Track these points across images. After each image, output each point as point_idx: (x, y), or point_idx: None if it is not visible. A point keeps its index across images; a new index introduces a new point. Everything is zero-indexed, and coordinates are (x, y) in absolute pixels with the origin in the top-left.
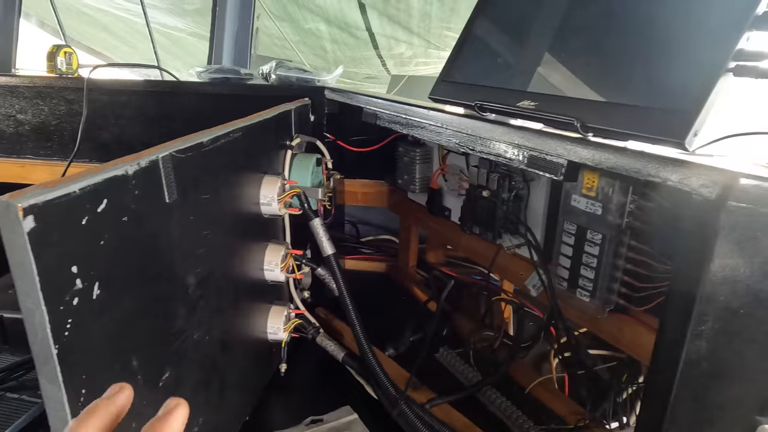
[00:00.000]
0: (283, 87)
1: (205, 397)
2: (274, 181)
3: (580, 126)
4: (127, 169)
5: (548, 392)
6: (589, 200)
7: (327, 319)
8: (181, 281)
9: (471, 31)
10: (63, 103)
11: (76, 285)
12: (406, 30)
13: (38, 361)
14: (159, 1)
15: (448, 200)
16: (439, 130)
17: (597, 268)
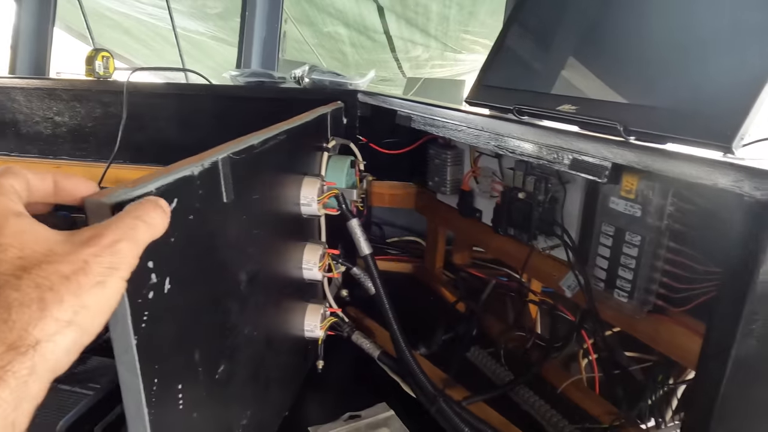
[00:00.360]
0: (316, 90)
1: (253, 390)
2: (314, 182)
3: (623, 129)
4: (193, 170)
5: (580, 392)
6: (628, 202)
7: (358, 317)
8: (235, 278)
9: (507, 35)
10: (99, 105)
11: (151, 279)
12: (423, 33)
13: (118, 350)
14: (182, 5)
15: (479, 202)
16: (477, 133)
17: (635, 269)
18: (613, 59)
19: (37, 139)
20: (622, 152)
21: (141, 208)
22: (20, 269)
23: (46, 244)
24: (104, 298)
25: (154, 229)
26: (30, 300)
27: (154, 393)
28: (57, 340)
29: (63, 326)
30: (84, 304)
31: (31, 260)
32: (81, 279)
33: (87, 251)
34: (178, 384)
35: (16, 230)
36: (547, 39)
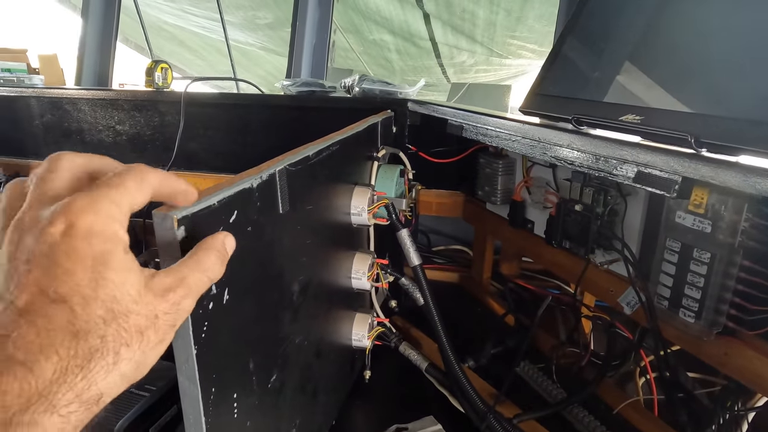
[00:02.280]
0: (366, 99)
1: (302, 400)
2: (365, 192)
3: (693, 141)
4: (252, 182)
5: (638, 414)
6: (697, 217)
7: (404, 328)
8: (288, 288)
9: (564, 43)
10: (157, 115)
11: (211, 290)
12: (469, 39)
13: (179, 360)
14: (234, 17)
15: (531, 213)
16: (532, 144)
17: (704, 288)
18: (679, 66)
19: (100, 147)
20: (694, 165)
21: (208, 259)
22: (110, 313)
23: (136, 289)
24: (161, 352)
25: (214, 280)
26: (109, 350)
27: (212, 401)
28: (114, 391)
29: (124, 381)
30: (146, 361)
31: (121, 306)
32: (151, 336)
33: (160, 307)
34: (234, 393)
35: (122, 267)
36: (607, 46)
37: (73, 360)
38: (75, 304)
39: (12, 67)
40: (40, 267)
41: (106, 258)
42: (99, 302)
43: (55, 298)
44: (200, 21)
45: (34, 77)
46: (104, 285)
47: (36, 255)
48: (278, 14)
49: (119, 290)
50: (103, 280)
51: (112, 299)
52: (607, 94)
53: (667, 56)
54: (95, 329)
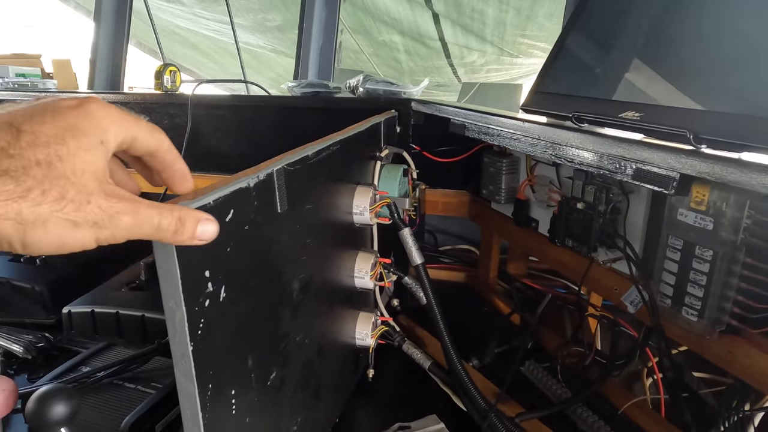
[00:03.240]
0: (371, 99)
1: (303, 398)
2: (366, 191)
3: (692, 137)
4: (249, 181)
5: (644, 414)
6: (699, 214)
7: (409, 327)
8: (288, 286)
9: (565, 41)
10: (166, 117)
11: (208, 288)
12: (479, 38)
13: (176, 356)
14: (244, 20)
15: (536, 211)
16: (533, 142)
17: (707, 286)
18: (681, 62)
19: None
20: (691, 162)
21: (171, 215)
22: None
23: (84, 169)
24: (65, 233)
25: (163, 235)
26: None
27: (209, 398)
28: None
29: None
30: (48, 223)
31: (61, 167)
32: (68, 207)
33: (98, 199)
34: (232, 389)
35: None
36: (608, 44)
37: None
38: (23, 132)
39: (26, 72)
40: (28, 108)
41: (80, 134)
42: (43, 149)
43: (10, 122)
44: (211, 24)
45: (47, 81)
46: (59, 143)
47: (35, 102)
48: (287, 16)
49: (71, 156)
50: (63, 141)
51: (58, 158)
52: (608, 92)
53: (668, 53)
54: (21, 159)
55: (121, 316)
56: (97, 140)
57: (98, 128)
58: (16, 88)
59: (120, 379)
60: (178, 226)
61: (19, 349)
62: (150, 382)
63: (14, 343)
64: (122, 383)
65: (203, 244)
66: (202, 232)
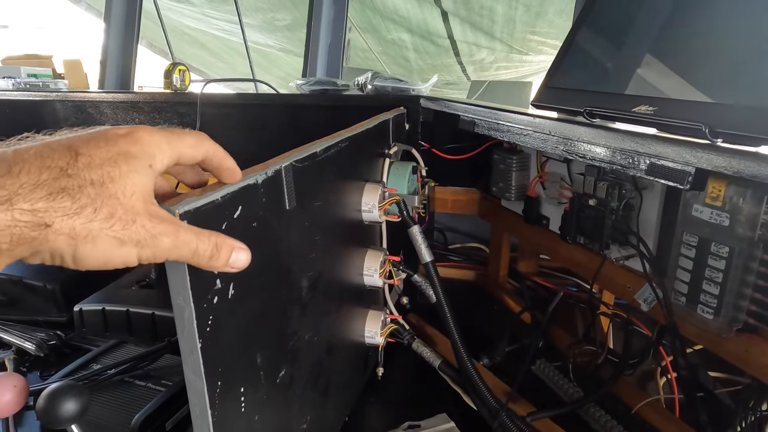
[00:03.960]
0: (379, 97)
1: (312, 396)
2: (375, 188)
3: (708, 131)
4: (257, 178)
5: (658, 414)
6: (714, 210)
7: (418, 325)
8: (297, 284)
9: (576, 35)
10: (176, 116)
11: (216, 285)
12: (488, 36)
13: (184, 353)
14: (253, 20)
15: (547, 208)
16: (544, 137)
17: (723, 283)
18: (695, 54)
19: None
20: (707, 156)
21: (209, 241)
22: (100, 184)
23: (133, 191)
24: (112, 250)
25: (199, 260)
26: (74, 201)
27: (218, 395)
28: (57, 236)
29: (69, 238)
30: (97, 240)
31: (113, 188)
32: (116, 225)
33: (142, 220)
34: (241, 387)
35: (137, 170)
36: (620, 37)
37: (46, 184)
38: (81, 155)
39: (38, 73)
40: (85, 134)
41: (130, 159)
42: (98, 170)
43: (69, 146)
44: (220, 24)
45: (58, 82)
46: (112, 166)
47: (91, 129)
48: (296, 15)
49: (122, 178)
50: (115, 164)
51: (111, 179)
52: (620, 86)
53: (681, 45)
54: (78, 179)
55: (131, 314)
56: (146, 164)
57: (146, 153)
58: (28, 88)
59: (130, 377)
60: (213, 252)
61: (31, 347)
62: (160, 379)
63: (27, 341)
64: (132, 380)
65: (235, 272)
66: (235, 260)
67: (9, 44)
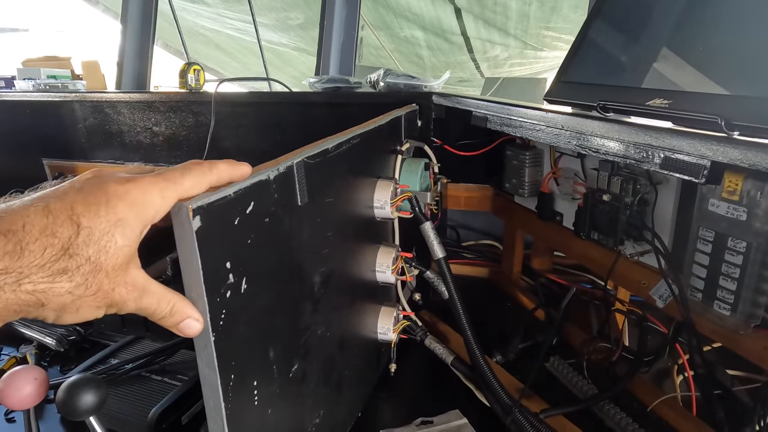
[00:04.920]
0: (391, 94)
1: (325, 391)
2: (387, 185)
3: (724, 124)
4: (269, 174)
5: (674, 411)
6: (731, 205)
7: (431, 322)
8: (309, 279)
9: (590, 29)
10: (191, 115)
11: (229, 279)
12: (502, 32)
13: (198, 346)
14: (266, 19)
15: (560, 204)
16: (557, 132)
17: (740, 279)
18: (710, 46)
19: (139, 148)
20: (723, 149)
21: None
22: (96, 261)
23: (121, 262)
24: (90, 315)
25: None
26: (71, 280)
27: (231, 388)
28: (48, 311)
29: (58, 312)
30: (77, 310)
31: (106, 261)
32: (99, 297)
33: (121, 290)
34: (254, 381)
35: (128, 238)
36: (633, 30)
37: (48, 265)
38: (83, 228)
39: (57, 74)
40: (83, 191)
41: (127, 229)
42: (95, 246)
43: (71, 214)
44: (235, 23)
45: (77, 83)
46: (109, 239)
47: (86, 183)
48: (309, 14)
49: (115, 252)
50: (112, 237)
51: (105, 253)
52: (634, 79)
53: (696, 36)
54: (77, 258)
55: None
56: (139, 231)
57: (142, 219)
58: (48, 89)
59: (147, 371)
60: (167, 314)
61: (51, 342)
62: (176, 374)
63: (47, 336)
64: (149, 375)
65: (184, 336)
66: (185, 327)
67: (29, 47)
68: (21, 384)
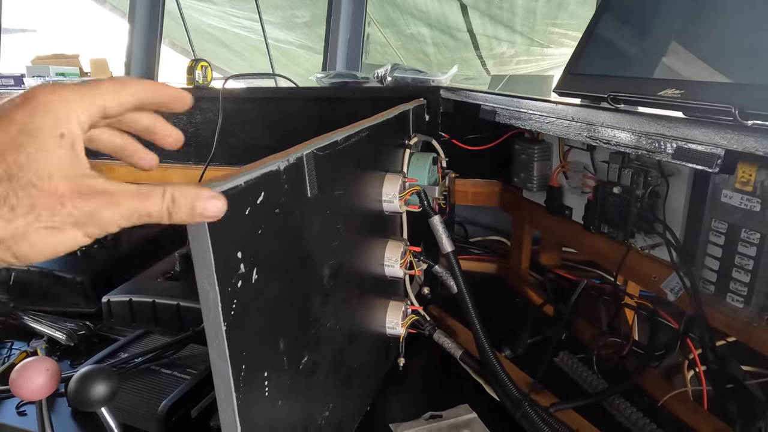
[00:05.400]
0: (399, 88)
1: (335, 384)
2: (396, 178)
3: (738, 113)
4: (279, 165)
5: (685, 406)
6: (745, 195)
7: (440, 316)
8: (318, 271)
9: (600, 19)
10: (198, 112)
11: (240, 269)
12: (508, 29)
13: (209, 336)
14: (273, 17)
15: (569, 198)
16: (567, 124)
17: (753, 271)
18: (722, 34)
19: (146, 145)
20: (737, 137)
21: (158, 191)
22: (7, 175)
23: (51, 172)
24: (51, 241)
25: (145, 215)
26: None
27: (242, 378)
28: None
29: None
30: (26, 237)
31: (24, 175)
32: (43, 215)
33: (72, 201)
34: (264, 371)
35: (46, 147)
36: (644, 20)
37: None
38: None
39: (66, 72)
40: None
41: (35, 135)
42: (1, 163)
43: None
44: (241, 22)
45: (85, 80)
46: (16, 151)
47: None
48: (315, 12)
49: (31, 162)
50: (18, 147)
51: (18, 167)
52: (645, 70)
53: (707, 25)
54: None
55: (157, 304)
56: (55, 134)
57: (53, 120)
58: None
59: (157, 365)
60: (170, 207)
61: (62, 337)
62: (185, 368)
63: (57, 331)
64: (159, 369)
65: (211, 220)
66: (203, 209)
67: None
68: (33, 375)
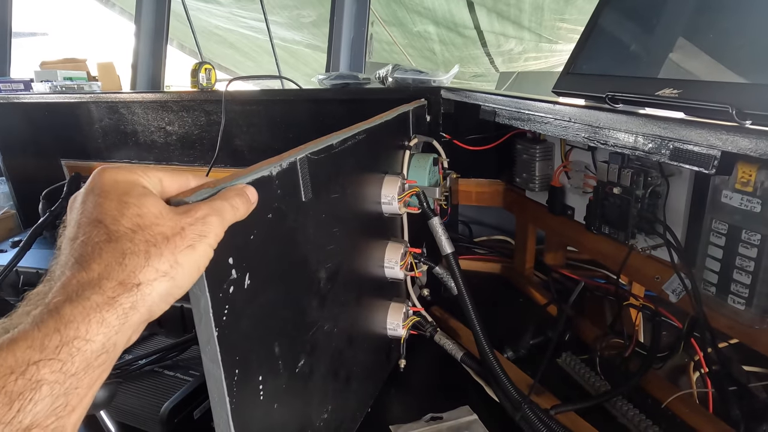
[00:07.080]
0: (400, 89)
1: (333, 386)
2: (395, 180)
3: (735, 113)
4: (272, 170)
5: (689, 408)
6: (745, 196)
7: (442, 318)
8: (315, 275)
9: (598, 19)
10: (203, 114)
11: (231, 275)
12: (516, 25)
13: (202, 341)
14: (279, 17)
15: (571, 198)
16: (565, 125)
17: (755, 272)
18: (721, 34)
19: (153, 147)
20: (733, 138)
21: (228, 194)
22: (136, 226)
23: (158, 209)
24: (193, 258)
25: (237, 211)
26: (139, 251)
27: (236, 383)
28: (155, 285)
29: (160, 275)
30: (178, 261)
31: (145, 220)
32: (177, 241)
33: (184, 220)
34: (259, 375)
35: (139, 194)
36: (642, 19)
37: (113, 259)
38: (108, 223)
39: (73, 76)
40: (81, 210)
41: (128, 190)
42: (126, 219)
43: (92, 220)
44: (248, 22)
45: (93, 84)
46: (128, 207)
47: (78, 204)
48: (321, 11)
49: (141, 210)
50: (126, 204)
51: (137, 216)
52: (643, 69)
53: (706, 24)
54: (125, 236)
55: None
56: (140, 188)
57: (126, 181)
58: (64, 90)
59: (160, 367)
60: (246, 198)
61: None
62: (188, 369)
63: None
64: (162, 370)
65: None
66: (252, 195)
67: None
68: None
